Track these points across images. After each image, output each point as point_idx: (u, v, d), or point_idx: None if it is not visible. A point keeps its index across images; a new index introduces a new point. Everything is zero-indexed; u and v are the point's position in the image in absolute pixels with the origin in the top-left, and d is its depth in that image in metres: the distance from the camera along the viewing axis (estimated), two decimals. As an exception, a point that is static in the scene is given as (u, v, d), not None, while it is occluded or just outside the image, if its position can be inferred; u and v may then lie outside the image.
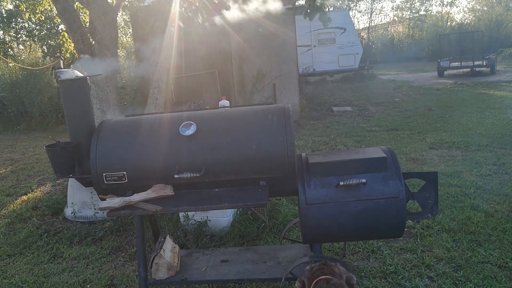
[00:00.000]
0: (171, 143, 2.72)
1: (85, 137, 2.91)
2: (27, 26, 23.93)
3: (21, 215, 5.24)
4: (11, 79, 12.68)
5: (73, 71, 3.05)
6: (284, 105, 2.86)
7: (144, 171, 2.72)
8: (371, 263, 3.56)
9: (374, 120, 10.16)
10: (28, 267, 3.95)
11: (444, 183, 5.17)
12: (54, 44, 22.10)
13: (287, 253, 3.28)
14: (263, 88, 9.86)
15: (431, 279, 3.28)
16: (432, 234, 3.95)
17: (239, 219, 4.32)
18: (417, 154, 6.70)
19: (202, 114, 2.93)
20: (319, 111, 11.83)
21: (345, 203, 2.59)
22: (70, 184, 5.10)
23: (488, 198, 4.71)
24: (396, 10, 49.12)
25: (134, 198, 2.64)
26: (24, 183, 6.76)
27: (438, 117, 9.76)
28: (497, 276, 3.22)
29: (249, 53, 9.63)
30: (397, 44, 34.61)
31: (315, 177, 2.66)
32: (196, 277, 3.05)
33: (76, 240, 4.44)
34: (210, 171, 2.65)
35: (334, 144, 7.88)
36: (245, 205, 2.72)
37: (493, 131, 7.86)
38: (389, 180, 2.60)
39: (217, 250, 3.47)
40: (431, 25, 35.59)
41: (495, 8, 33.72)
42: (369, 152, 2.79)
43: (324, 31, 17.71)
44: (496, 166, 5.82)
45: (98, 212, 4.77)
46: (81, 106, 2.95)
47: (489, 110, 10.12)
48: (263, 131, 2.69)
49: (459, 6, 71.94)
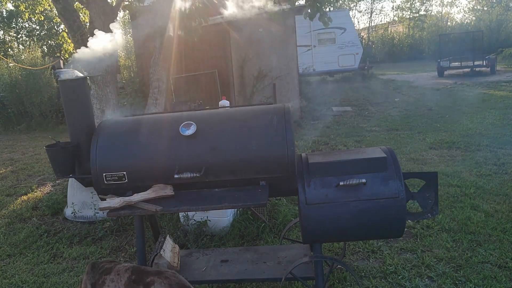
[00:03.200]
0: (171, 143, 2.72)
1: (85, 137, 2.91)
2: (27, 26, 23.93)
3: (21, 215, 5.24)
4: (11, 79, 12.67)
5: (73, 71, 3.05)
6: (284, 105, 2.85)
7: (144, 171, 2.72)
8: (371, 263, 3.56)
9: (374, 120, 10.16)
10: (28, 267, 3.95)
11: (444, 183, 5.17)
12: (54, 44, 22.10)
13: (287, 253, 3.28)
14: (263, 88, 9.86)
15: (431, 279, 3.28)
16: (432, 234, 3.95)
17: (239, 219, 4.32)
18: (417, 154, 6.70)
19: (202, 114, 2.92)
20: (319, 111, 11.82)
21: (345, 203, 2.59)
22: (70, 184, 5.09)
23: (488, 198, 4.71)
24: (396, 10, 49.09)
25: (134, 198, 2.64)
26: (24, 183, 6.76)
27: (438, 117, 9.76)
28: (497, 276, 3.22)
29: (249, 53, 9.62)
30: (397, 44, 34.60)
31: (315, 177, 2.66)
32: (196, 277, 3.05)
33: (76, 240, 4.44)
34: (210, 171, 2.65)
35: (334, 144, 7.88)
36: (245, 205, 2.72)
37: (493, 131, 7.86)
38: (389, 180, 2.60)
39: (217, 250, 3.47)
40: (431, 25, 35.58)
41: (495, 8, 33.71)
42: (369, 152, 2.79)
43: (324, 31, 17.72)
44: (496, 166, 5.82)
45: (98, 212, 4.77)
46: (81, 106, 2.95)
47: (489, 110, 10.12)
48: (263, 131, 2.69)
49: (459, 6, 71.84)
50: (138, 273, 2.40)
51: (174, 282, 2.30)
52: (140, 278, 2.36)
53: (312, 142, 8.01)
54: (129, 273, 2.41)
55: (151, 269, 2.49)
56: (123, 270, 2.46)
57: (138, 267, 2.50)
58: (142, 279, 2.35)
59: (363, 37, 35.36)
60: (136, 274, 2.39)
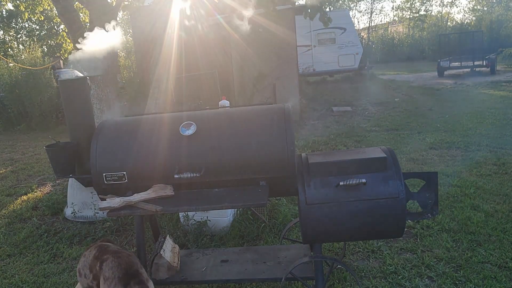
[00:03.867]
0: (171, 143, 2.72)
1: (85, 137, 2.91)
2: (27, 26, 23.94)
3: (21, 215, 5.24)
4: (11, 79, 12.67)
5: (73, 71, 3.06)
6: (284, 105, 2.86)
7: (144, 171, 2.72)
8: (371, 263, 3.56)
9: (374, 120, 10.16)
10: (28, 267, 3.95)
11: (444, 183, 5.17)
12: (53, 44, 22.10)
13: (287, 253, 3.28)
14: (263, 88, 9.86)
15: (431, 279, 3.28)
16: (432, 234, 3.95)
17: (239, 219, 4.32)
18: (417, 154, 6.70)
19: (202, 114, 2.93)
20: (319, 111, 11.82)
21: (345, 203, 2.59)
22: (70, 184, 5.09)
23: (488, 198, 4.71)
24: (396, 10, 49.07)
25: (134, 198, 2.64)
26: (24, 183, 6.76)
27: (438, 117, 9.76)
28: (497, 276, 3.22)
29: (250, 53, 9.62)
30: (397, 44, 34.59)
31: (315, 177, 2.66)
32: (196, 277, 3.05)
33: (76, 240, 4.44)
34: (210, 171, 2.65)
35: (334, 144, 7.88)
36: (245, 205, 2.72)
37: (493, 131, 7.86)
38: (389, 180, 2.60)
39: (217, 250, 3.47)
40: (431, 25, 35.58)
41: (495, 8, 33.72)
42: (369, 152, 2.79)
43: (324, 31, 17.70)
44: (496, 166, 5.82)
45: (98, 212, 4.77)
46: (81, 106, 2.95)
47: (489, 110, 10.11)
48: (263, 131, 2.69)
49: (459, 6, 71.82)
50: (101, 251, 2.58)
51: (124, 262, 2.44)
52: (100, 255, 2.55)
53: (312, 142, 8.01)
54: (95, 250, 2.61)
55: (112, 248, 2.63)
56: (93, 247, 2.67)
57: (104, 245, 2.66)
58: (101, 256, 2.53)
59: (363, 37, 35.33)
60: (99, 252, 2.58)
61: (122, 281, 2.35)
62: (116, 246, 2.72)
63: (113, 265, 2.42)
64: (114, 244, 2.77)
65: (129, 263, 2.46)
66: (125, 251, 2.63)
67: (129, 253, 2.59)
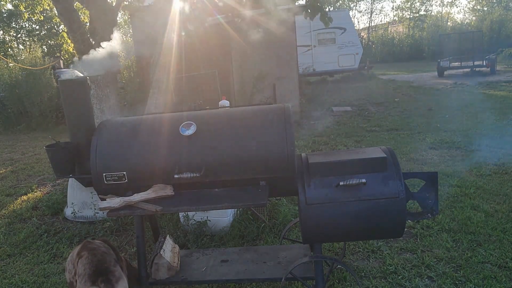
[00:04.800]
0: (171, 143, 2.72)
1: (85, 137, 2.91)
2: (27, 26, 23.94)
3: (21, 215, 5.24)
4: (11, 79, 12.68)
5: (73, 71, 3.06)
6: (284, 105, 2.85)
7: (144, 171, 2.72)
8: (371, 263, 3.56)
9: (374, 120, 10.16)
10: (28, 267, 3.95)
11: (444, 183, 5.17)
12: (53, 44, 22.11)
13: (287, 253, 3.28)
14: (263, 88, 9.85)
15: (431, 279, 3.28)
16: (432, 234, 3.95)
17: (239, 219, 4.32)
18: (417, 154, 6.70)
19: (202, 114, 2.92)
20: (319, 111, 11.82)
21: (345, 203, 2.59)
22: (70, 184, 5.09)
23: (488, 198, 4.71)
24: (396, 10, 49.11)
25: (134, 198, 2.64)
26: (24, 183, 6.76)
27: (438, 117, 9.76)
28: (497, 276, 3.22)
29: (249, 53, 9.62)
30: (397, 44, 34.61)
31: (315, 177, 2.66)
32: (196, 277, 3.05)
33: (76, 240, 4.43)
34: (210, 171, 2.65)
35: (334, 144, 7.88)
36: (245, 205, 2.73)
37: (493, 131, 7.86)
38: (389, 180, 2.60)
39: (217, 250, 3.47)
40: (431, 25, 35.60)
41: (496, 8, 33.73)
42: (369, 152, 2.79)
43: (324, 31, 17.72)
44: (496, 166, 5.81)
45: (98, 212, 4.77)
46: (81, 106, 2.95)
47: (489, 110, 10.11)
48: (263, 131, 2.69)
49: (459, 6, 71.97)
50: (82, 247, 2.61)
51: (96, 259, 2.47)
52: (80, 251, 2.58)
53: (312, 142, 8.01)
54: (79, 247, 2.64)
55: (94, 245, 2.64)
56: (80, 245, 2.68)
57: (88, 242, 2.68)
58: (80, 252, 2.56)
59: (363, 37, 35.35)
60: (81, 248, 2.61)
61: (91, 278, 2.37)
62: (102, 244, 2.70)
63: (86, 262, 2.44)
64: (108, 243, 2.75)
65: (101, 260, 2.47)
66: (104, 248, 2.62)
67: (106, 251, 2.60)
